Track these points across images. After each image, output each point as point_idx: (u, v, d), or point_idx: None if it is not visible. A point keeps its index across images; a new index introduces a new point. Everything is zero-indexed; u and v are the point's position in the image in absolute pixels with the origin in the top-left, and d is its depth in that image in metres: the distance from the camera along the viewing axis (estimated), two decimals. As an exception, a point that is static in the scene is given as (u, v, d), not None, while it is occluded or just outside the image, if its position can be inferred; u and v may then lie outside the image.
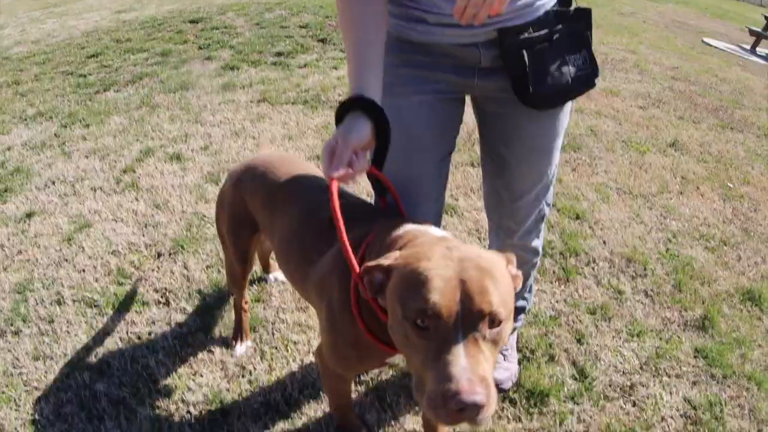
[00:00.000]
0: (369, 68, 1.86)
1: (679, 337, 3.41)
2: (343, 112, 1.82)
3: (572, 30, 2.08)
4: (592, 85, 2.16)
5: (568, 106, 2.27)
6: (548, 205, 2.58)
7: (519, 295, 2.97)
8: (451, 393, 1.35)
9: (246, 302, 3.06)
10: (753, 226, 4.74)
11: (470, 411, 1.34)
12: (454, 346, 1.41)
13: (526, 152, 2.28)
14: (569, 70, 2.06)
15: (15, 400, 2.77)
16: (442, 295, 1.42)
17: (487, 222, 2.74)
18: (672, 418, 2.91)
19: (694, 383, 3.13)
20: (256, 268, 3.47)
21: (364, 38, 1.87)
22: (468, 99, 2.35)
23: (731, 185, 5.36)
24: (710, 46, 12.95)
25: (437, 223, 2.36)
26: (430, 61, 2.11)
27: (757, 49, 13.97)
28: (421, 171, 2.24)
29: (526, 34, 1.99)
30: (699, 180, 5.34)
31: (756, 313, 3.71)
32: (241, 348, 3.05)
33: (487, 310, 1.43)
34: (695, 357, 3.29)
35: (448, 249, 1.54)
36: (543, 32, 2.01)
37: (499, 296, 1.47)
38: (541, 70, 2.01)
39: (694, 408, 2.98)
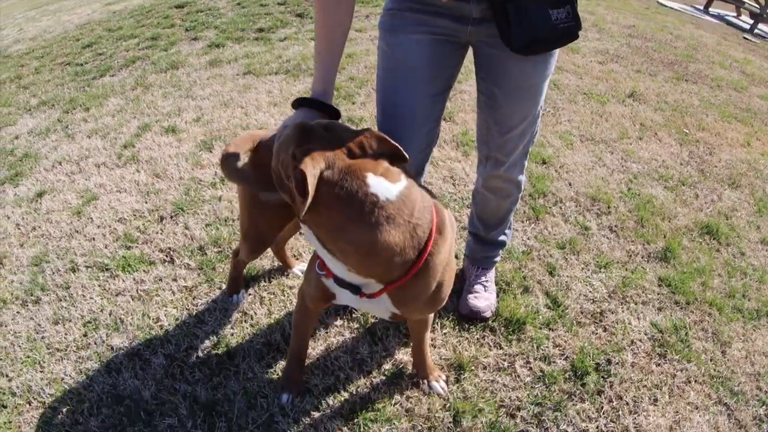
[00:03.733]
0: (331, 73, 2.19)
1: (643, 267, 3.49)
2: (303, 102, 2.14)
3: None
4: (575, 37, 2.26)
5: (555, 54, 2.40)
6: (532, 142, 2.70)
7: (500, 231, 3.07)
8: None
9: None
10: (709, 167, 4.81)
11: None
12: None
13: (513, 91, 2.41)
14: (551, 23, 2.16)
15: (39, 362, 2.80)
16: None
17: (477, 154, 2.84)
18: (641, 341, 3.00)
19: (660, 309, 3.21)
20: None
21: (336, 42, 2.18)
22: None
23: (687, 131, 5.42)
24: (665, 6, 12.92)
25: (426, 152, 2.57)
26: (431, 9, 2.25)
27: (710, 9, 13.97)
28: (414, 102, 2.37)
29: None
30: (657, 126, 5.40)
31: (714, 245, 3.80)
32: (238, 297, 3.09)
33: None
34: (659, 285, 3.38)
35: None
36: None
37: None
38: (525, 21, 2.11)
39: (661, 332, 3.06)
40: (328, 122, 1.84)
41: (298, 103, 2.16)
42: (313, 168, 1.63)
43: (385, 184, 1.70)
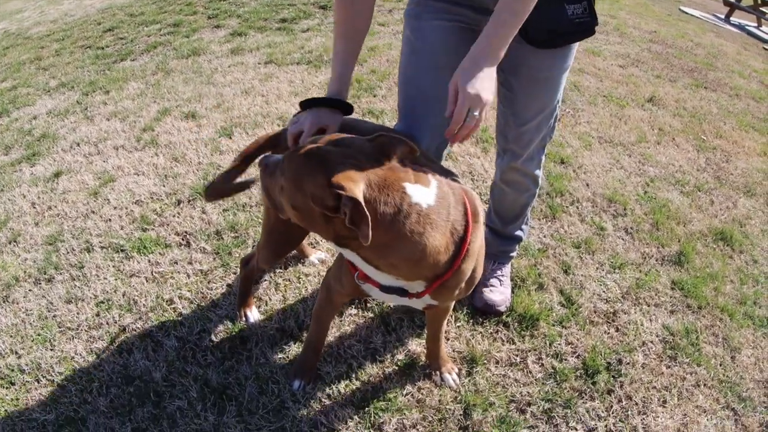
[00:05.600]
0: (348, 72, 2.27)
1: (657, 270, 3.49)
2: (314, 102, 2.19)
3: None
4: (591, 32, 2.31)
5: (572, 48, 2.44)
6: (550, 136, 2.74)
7: (517, 226, 3.08)
8: None
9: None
10: (725, 174, 4.81)
11: None
12: None
13: (530, 83, 2.46)
14: (568, 17, 2.22)
15: (50, 340, 2.82)
16: None
17: (496, 146, 2.87)
18: (652, 343, 3.00)
19: (672, 312, 3.22)
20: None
21: (353, 46, 2.28)
22: None
23: (705, 138, 5.41)
24: (687, 13, 12.88)
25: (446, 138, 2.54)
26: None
27: (731, 18, 13.91)
28: (435, 83, 2.34)
29: None
30: (675, 132, 5.39)
31: (728, 252, 3.80)
32: (251, 313, 2.93)
33: None
34: (672, 289, 3.38)
35: None
36: None
37: None
38: (540, 16, 2.11)
39: (672, 335, 3.07)
40: (335, 138, 1.79)
41: (310, 104, 2.19)
42: (359, 191, 1.58)
43: (422, 191, 1.70)
